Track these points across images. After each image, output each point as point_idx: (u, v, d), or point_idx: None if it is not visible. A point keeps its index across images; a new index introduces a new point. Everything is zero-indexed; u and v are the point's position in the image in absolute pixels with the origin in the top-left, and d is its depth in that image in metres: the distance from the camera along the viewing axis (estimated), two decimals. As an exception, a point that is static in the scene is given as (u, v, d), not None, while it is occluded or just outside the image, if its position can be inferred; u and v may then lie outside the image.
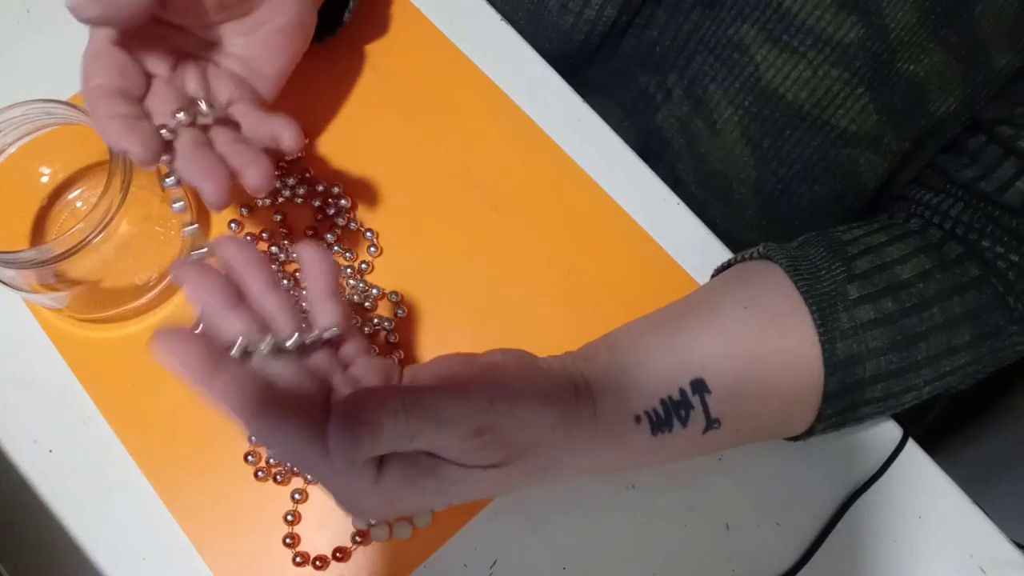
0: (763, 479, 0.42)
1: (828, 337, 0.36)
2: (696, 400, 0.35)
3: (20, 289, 0.39)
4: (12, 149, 0.40)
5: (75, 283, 0.39)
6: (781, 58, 0.43)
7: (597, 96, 0.49)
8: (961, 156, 0.43)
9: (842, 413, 0.37)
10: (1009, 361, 0.42)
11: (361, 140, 0.47)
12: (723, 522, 0.41)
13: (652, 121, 0.51)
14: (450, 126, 0.47)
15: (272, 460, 0.40)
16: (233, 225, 0.45)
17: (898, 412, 0.41)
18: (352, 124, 0.47)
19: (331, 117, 0.47)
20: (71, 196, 0.44)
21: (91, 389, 0.42)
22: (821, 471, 0.42)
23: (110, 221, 0.37)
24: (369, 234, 0.45)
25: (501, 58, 0.49)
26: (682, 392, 0.35)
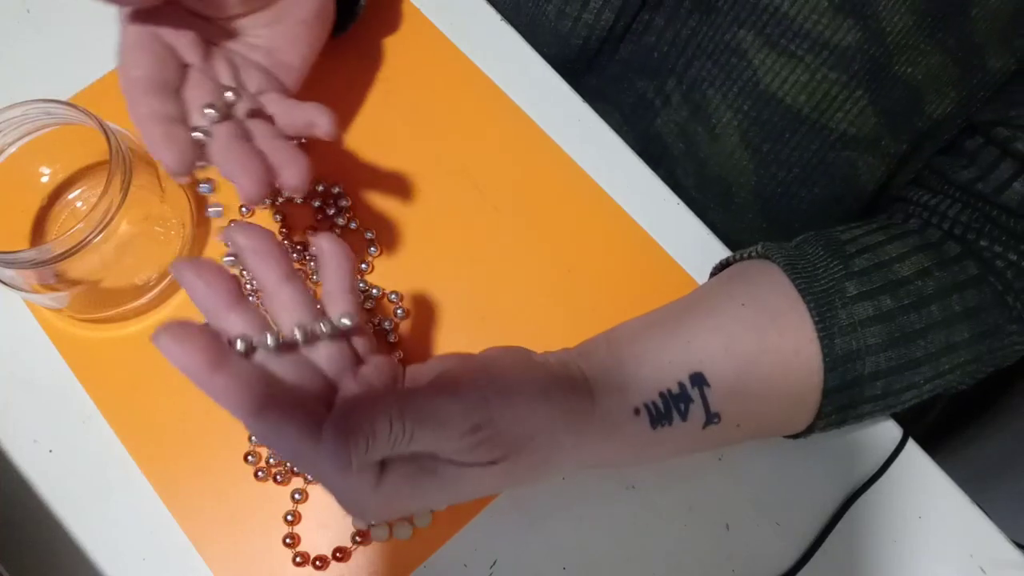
0: (763, 479, 0.42)
1: (827, 333, 0.36)
2: (695, 393, 0.35)
3: (20, 289, 0.39)
4: (12, 149, 0.40)
5: (75, 283, 0.39)
6: (779, 62, 0.43)
7: (596, 102, 0.49)
8: (958, 158, 0.43)
9: (842, 410, 0.37)
10: (1008, 362, 0.42)
11: (361, 140, 0.47)
12: (723, 522, 0.41)
13: (651, 126, 0.51)
14: (450, 126, 0.48)
15: (272, 460, 0.40)
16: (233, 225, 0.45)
17: (898, 412, 0.41)
18: (352, 124, 0.47)
19: (331, 118, 0.48)
20: (71, 196, 0.44)
21: (91, 389, 0.41)
22: (821, 471, 0.42)
23: (110, 221, 0.37)
24: (369, 234, 0.45)
25: (501, 58, 0.49)
26: (681, 386, 0.35)
